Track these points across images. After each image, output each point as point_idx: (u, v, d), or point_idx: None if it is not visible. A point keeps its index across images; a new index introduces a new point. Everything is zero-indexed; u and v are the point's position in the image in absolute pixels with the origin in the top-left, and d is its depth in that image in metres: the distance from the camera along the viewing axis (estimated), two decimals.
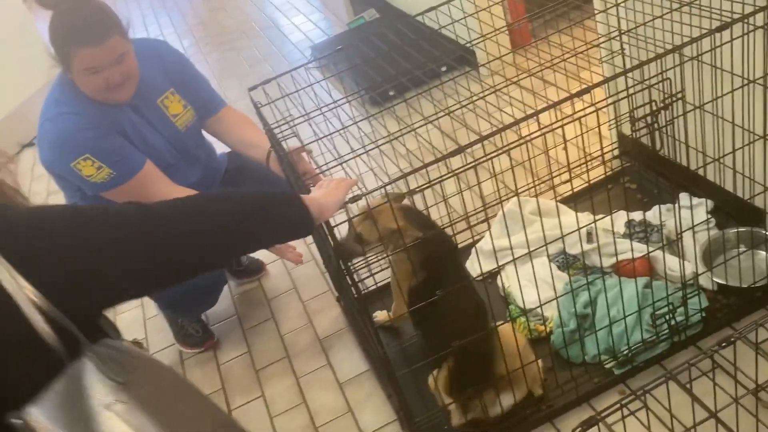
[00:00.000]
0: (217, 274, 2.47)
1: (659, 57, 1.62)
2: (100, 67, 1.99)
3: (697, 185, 2.32)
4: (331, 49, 3.58)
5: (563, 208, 2.41)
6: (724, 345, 1.14)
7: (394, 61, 2.51)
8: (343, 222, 1.62)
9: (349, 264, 1.51)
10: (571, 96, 1.60)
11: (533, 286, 1.88)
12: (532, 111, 1.56)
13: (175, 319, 2.55)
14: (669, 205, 2.32)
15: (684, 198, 2.36)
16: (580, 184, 2.43)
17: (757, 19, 1.65)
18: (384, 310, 2.27)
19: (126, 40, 2.04)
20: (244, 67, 4.86)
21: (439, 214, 2.23)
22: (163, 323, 2.57)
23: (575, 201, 2.35)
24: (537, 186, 1.83)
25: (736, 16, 1.67)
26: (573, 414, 1.88)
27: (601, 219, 2.16)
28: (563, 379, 1.93)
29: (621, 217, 2.37)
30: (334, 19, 5.19)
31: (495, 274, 2.30)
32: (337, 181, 1.53)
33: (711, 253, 2.13)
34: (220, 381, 2.38)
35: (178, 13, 6.59)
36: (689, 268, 2.02)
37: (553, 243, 1.81)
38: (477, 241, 2.35)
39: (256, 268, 2.84)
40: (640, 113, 1.66)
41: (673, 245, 2.16)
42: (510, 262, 1.76)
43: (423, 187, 1.56)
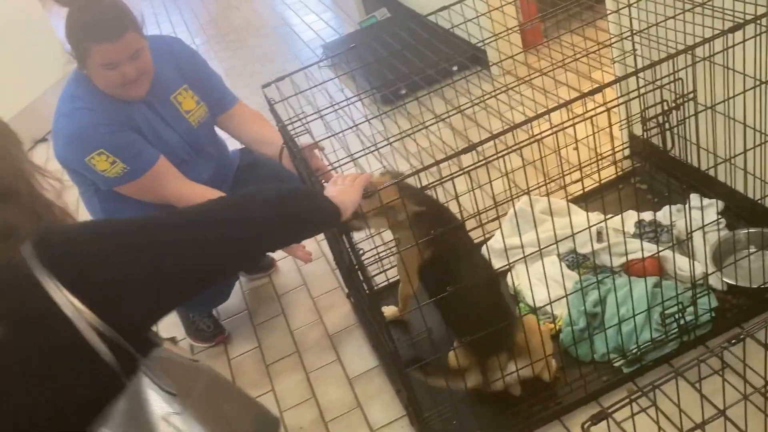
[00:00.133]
0: None
1: (671, 57, 1.63)
2: (117, 63, 2.02)
3: (708, 186, 2.33)
4: (342, 48, 3.60)
5: (574, 207, 2.41)
6: (734, 342, 1.15)
7: (405, 60, 2.52)
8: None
9: (361, 258, 1.52)
10: (583, 95, 1.61)
11: (543, 285, 1.89)
12: (544, 110, 1.58)
13: (186, 313, 2.57)
14: (679, 205, 2.33)
15: (695, 199, 2.36)
16: (590, 184, 2.43)
17: None
18: (392, 306, 2.29)
19: (141, 36, 2.06)
20: (256, 65, 4.88)
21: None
22: (175, 318, 2.59)
23: (586, 201, 2.36)
24: (547, 185, 1.83)
25: (748, 17, 1.67)
26: (582, 411, 1.89)
27: (611, 218, 2.16)
28: (572, 376, 1.94)
29: (631, 217, 2.38)
30: (346, 18, 5.21)
31: (505, 272, 2.31)
32: (351, 178, 1.55)
33: (721, 254, 2.13)
34: (231, 375, 2.40)
35: (190, 12, 6.62)
36: (699, 269, 2.02)
37: (563, 243, 1.82)
38: (488, 239, 2.36)
39: (266, 265, 2.86)
40: (651, 113, 1.67)
41: (683, 245, 2.17)
42: (520, 260, 1.77)
43: (434, 184, 1.58)
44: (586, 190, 2.41)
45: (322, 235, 2.70)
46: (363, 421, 2.09)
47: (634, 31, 1.97)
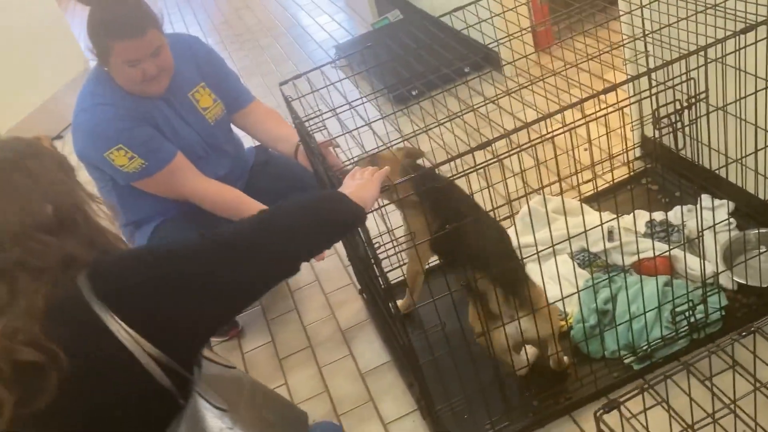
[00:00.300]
0: None
1: (684, 57, 1.65)
2: (138, 60, 2.06)
3: (719, 187, 2.34)
4: (355, 49, 3.64)
5: (586, 207, 2.44)
6: (744, 335, 1.17)
7: (418, 61, 2.56)
8: None
9: (376, 251, 1.55)
10: (597, 94, 1.63)
11: (555, 283, 1.92)
12: (557, 108, 1.60)
13: None
14: (690, 206, 2.34)
15: (706, 199, 2.38)
16: (602, 185, 2.45)
17: None
18: (399, 300, 2.30)
19: (162, 33, 2.10)
20: (269, 65, 4.92)
21: None
22: None
23: (598, 201, 2.38)
24: (561, 184, 1.86)
25: (760, 19, 1.69)
26: (592, 407, 1.91)
27: (621, 217, 2.18)
28: (583, 372, 1.96)
29: (642, 217, 2.40)
30: (359, 20, 5.25)
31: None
32: (369, 172, 1.58)
33: (731, 254, 2.15)
34: (245, 369, 2.43)
35: (204, 12, 6.68)
36: (709, 268, 2.04)
37: (575, 241, 1.84)
38: None
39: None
40: (663, 113, 1.69)
41: (693, 245, 2.18)
42: (532, 256, 1.79)
43: (454, 177, 1.60)
44: (597, 190, 2.44)
45: None
46: (375, 415, 2.11)
47: (647, 32, 1.99)
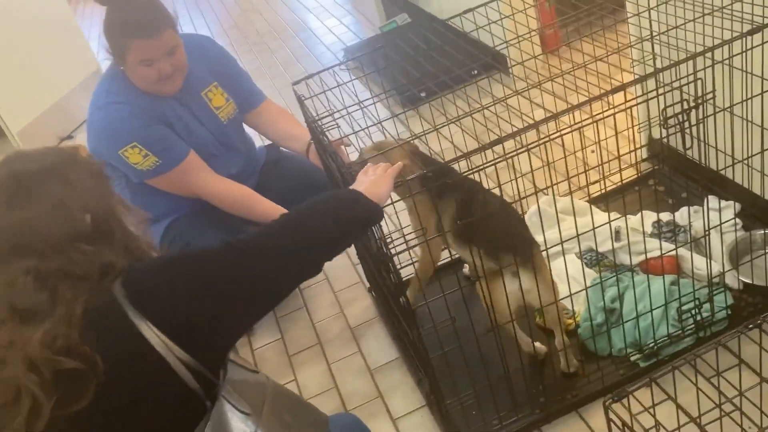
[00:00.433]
0: None
1: (690, 58, 1.68)
2: (154, 59, 2.09)
3: (725, 188, 2.36)
4: (363, 52, 3.66)
5: (593, 208, 2.46)
6: (751, 327, 1.19)
7: (427, 63, 2.58)
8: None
9: (389, 246, 1.58)
10: (605, 93, 1.65)
11: (562, 282, 1.94)
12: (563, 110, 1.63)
13: None
14: (696, 207, 2.37)
15: (712, 201, 2.40)
16: (609, 186, 2.48)
17: None
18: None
19: (176, 33, 2.14)
20: (278, 68, 4.96)
21: None
22: None
23: (605, 201, 2.40)
24: (570, 184, 1.88)
25: (767, 21, 1.72)
26: (598, 404, 1.93)
27: (629, 218, 2.21)
28: (590, 369, 1.98)
29: (649, 218, 2.42)
30: (366, 23, 5.28)
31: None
32: (383, 168, 1.60)
33: (737, 254, 2.17)
34: (254, 365, 2.46)
35: (213, 15, 6.73)
36: (716, 267, 2.07)
37: (582, 241, 1.86)
38: None
39: None
40: (671, 112, 1.72)
41: (700, 246, 2.21)
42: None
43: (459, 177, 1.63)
44: (606, 190, 2.47)
45: None
46: (384, 410, 2.14)
47: (655, 33, 2.02)
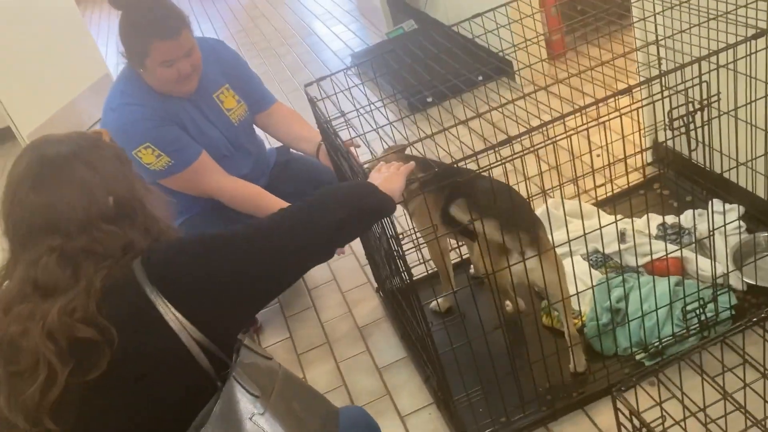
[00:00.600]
0: None
1: (695, 61, 1.71)
2: (174, 60, 2.14)
3: (729, 192, 2.39)
4: (370, 58, 3.70)
5: (597, 211, 2.49)
6: (755, 321, 1.22)
7: (433, 68, 2.61)
8: None
9: (401, 243, 1.61)
10: (612, 95, 1.69)
11: (569, 282, 1.97)
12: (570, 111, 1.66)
13: None
14: (701, 210, 2.40)
15: (716, 204, 2.43)
16: (614, 189, 2.51)
17: None
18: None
19: (192, 34, 2.18)
20: (285, 72, 5.01)
21: None
22: None
23: (610, 204, 2.43)
24: (576, 186, 1.92)
25: None
26: (605, 402, 1.96)
27: (634, 220, 2.24)
28: (595, 368, 2.01)
29: (654, 220, 2.45)
30: (373, 29, 5.33)
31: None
32: (395, 167, 1.64)
33: (741, 256, 2.20)
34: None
35: (221, 21, 6.79)
36: (720, 269, 2.09)
37: (589, 243, 1.89)
38: None
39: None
40: (676, 115, 1.75)
41: (705, 248, 2.24)
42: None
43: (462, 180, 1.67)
44: (613, 193, 2.50)
45: None
46: (392, 408, 2.17)
47: (660, 37, 2.06)
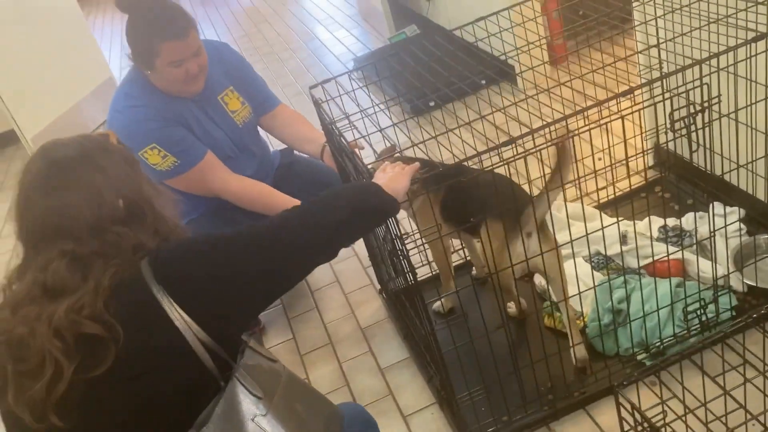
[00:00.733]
0: None
1: (696, 63, 1.73)
2: (183, 60, 2.16)
3: (730, 195, 2.41)
4: (373, 61, 3.72)
5: (599, 213, 2.51)
6: (755, 316, 1.24)
7: (436, 72, 2.63)
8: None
9: (405, 242, 1.63)
10: (614, 96, 1.71)
11: (572, 284, 1.99)
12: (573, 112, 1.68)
13: None
14: (702, 212, 2.41)
15: (717, 207, 2.45)
16: (616, 192, 2.52)
17: None
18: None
19: (198, 34, 2.21)
20: (288, 77, 5.04)
21: None
22: None
23: (612, 207, 2.45)
24: (578, 188, 1.94)
25: None
26: (606, 401, 1.97)
27: (631, 222, 2.26)
28: (597, 368, 2.02)
29: (655, 223, 2.47)
30: (376, 35, 5.36)
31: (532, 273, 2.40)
32: (400, 167, 1.66)
33: (742, 258, 2.21)
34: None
35: (224, 26, 6.82)
36: (720, 270, 2.11)
37: (591, 245, 1.91)
38: None
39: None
40: (677, 116, 1.77)
41: (705, 251, 2.25)
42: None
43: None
44: (611, 197, 2.51)
45: None
46: (394, 408, 2.18)
47: (661, 41, 2.08)
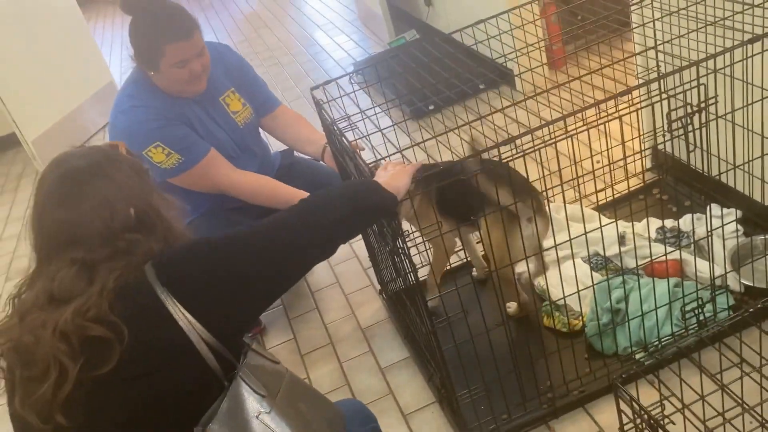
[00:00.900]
0: None
1: (693, 64, 1.75)
2: (187, 60, 2.18)
3: (727, 196, 2.43)
4: (373, 64, 3.75)
5: (598, 215, 2.53)
6: (759, 306, 1.26)
7: (435, 76, 2.65)
8: None
9: (406, 240, 1.65)
10: (612, 96, 1.73)
11: (570, 284, 2.01)
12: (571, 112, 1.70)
13: None
14: (699, 214, 2.43)
15: (714, 209, 2.47)
16: (615, 194, 2.55)
17: None
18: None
19: (202, 35, 2.23)
20: (288, 81, 5.06)
21: None
22: None
23: (610, 209, 2.47)
24: (578, 189, 1.95)
25: (767, 31, 1.80)
26: (605, 400, 1.99)
27: (632, 223, 2.28)
28: (596, 366, 2.04)
29: (653, 224, 2.49)
30: (375, 39, 5.39)
31: None
32: (401, 166, 1.68)
33: (739, 258, 2.23)
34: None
35: (224, 31, 6.85)
36: (718, 270, 2.13)
37: (590, 246, 1.92)
38: None
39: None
40: (674, 116, 1.79)
41: (703, 251, 2.27)
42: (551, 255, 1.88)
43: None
44: (609, 199, 2.54)
45: None
46: (395, 407, 2.19)
47: (659, 42, 2.10)
